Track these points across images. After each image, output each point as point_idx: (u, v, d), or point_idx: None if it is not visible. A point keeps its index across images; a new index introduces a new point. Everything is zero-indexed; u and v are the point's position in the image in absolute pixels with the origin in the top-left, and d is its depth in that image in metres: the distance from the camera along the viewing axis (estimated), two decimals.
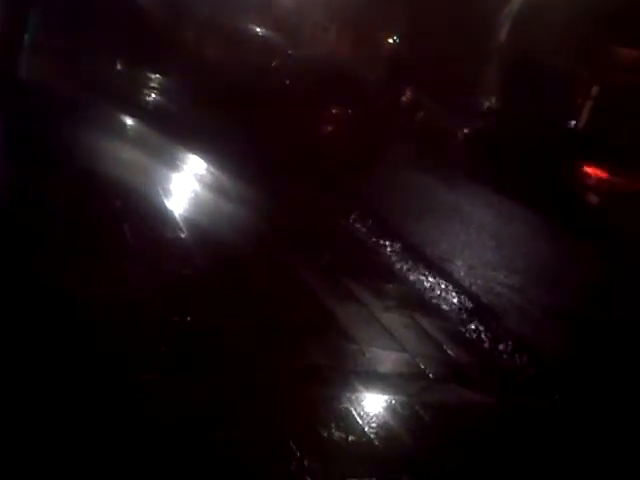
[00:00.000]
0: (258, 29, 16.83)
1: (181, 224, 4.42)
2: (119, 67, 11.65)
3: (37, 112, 5.88)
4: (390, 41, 28.11)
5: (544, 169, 12.60)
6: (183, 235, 4.24)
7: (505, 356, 4.20)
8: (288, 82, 14.48)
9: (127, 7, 17.21)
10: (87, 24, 12.68)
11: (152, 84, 10.85)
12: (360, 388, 3.06)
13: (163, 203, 4.76)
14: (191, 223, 4.51)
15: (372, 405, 2.98)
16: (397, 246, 5.76)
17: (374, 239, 5.85)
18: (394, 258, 5.47)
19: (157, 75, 11.59)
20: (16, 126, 5.26)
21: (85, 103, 7.11)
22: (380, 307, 4.20)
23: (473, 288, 5.29)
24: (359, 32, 26.46)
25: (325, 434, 2.60)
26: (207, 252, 4.14)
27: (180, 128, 7.80)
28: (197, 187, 5.60)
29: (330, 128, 11.53)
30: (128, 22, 14.90)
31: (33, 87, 6.73)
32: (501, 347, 4.29)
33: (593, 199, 10.75)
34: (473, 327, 4.47)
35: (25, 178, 4.24)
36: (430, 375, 3.50)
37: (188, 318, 3.12)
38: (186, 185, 5.61)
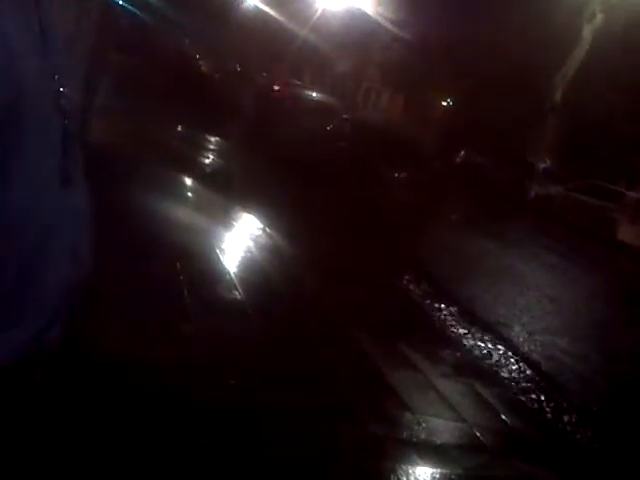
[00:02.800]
0: (314, 93, 17.31)
1: (237, 284, 4.46)
2: (180, 129, 12.11)
3: (100, 175, 6.12)
4: (444, 104, 28.42)
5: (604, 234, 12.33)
6: (239, 296, 4.28)
7: (569, 429, 4.00)
8: (344, 145, 14.74)
9: (190, 71, 18.03)
10: (150, 88, 13.31)
11: (211, 146, 11.21)
12: (417, 460, 2.95)
13: (221, 264, 4.83)
14: (247, 284, 4.55)
15: (428, 478, 2.86)
16: (453, 310, 5.65)
17: (429, 302, 5.76)
18: (450, 322, 5.35)
19: (217, 138, 11.97)
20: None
21: (146, 165, 7.38)
22: (437, 374, 4.09)
23: (533, 355, 5.11)
24: (413, 95, 26.88)
25: None
26: (261, 315, 4.15)
27: (238, 190, 7.98)
28: (252, 247, 5.68)
29: (385, 190, 11.60)
30: (190, 86, 15.58)
31: (99, 152, 7.04)
32: (565, 419, 4.09)
33: None
34: (534, 397, 4.29)
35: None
36: (489, 448, 3.36)
37: (235, 382, 3.10)
38: (242, 246, 5.70)
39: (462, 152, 21.58)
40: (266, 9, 24.36)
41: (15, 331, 0.86)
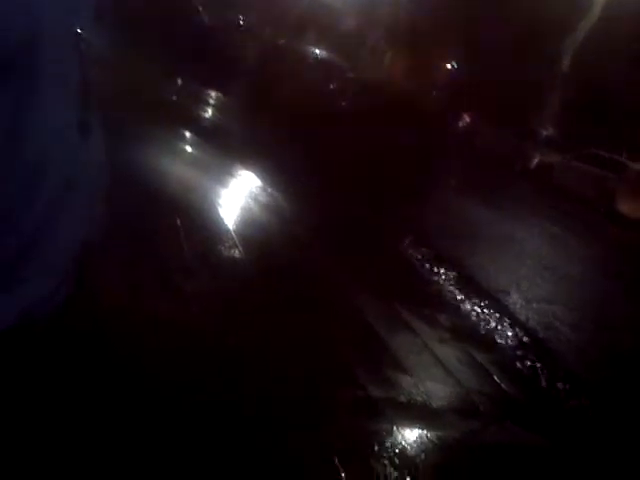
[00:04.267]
0: (318, 51, 17.03)
1: (237, 241, 4.43)
2: (180, 83, 11.92)
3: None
4: (448, 66, 28.02)
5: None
6: (238, 254, 4.25)
7: (563, 396, 4.03)
8: (345, 104, 14.56)
9: (191, 25, 17.69)
10: (150, 40, 13.05)
11: (212, 101, 11.05)
12: (413, 423, 2.98)
13: (221, 220, 4.79)
14: (247, 241, 4.53)
15: (424, 441, 2.88)
16: (451, 275, 5.64)
17: (428, 266, 5.75)
18: (448, 288, 5.36)
19: (218, 93, 11.80)
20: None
21: (144, 118, 7.26)
22: (434, 338, 4.10)
23: (530, 322, 5.12)
24: (417, 56, 26.47)
25: (376, 469, 2.52)
26: (260, 273, 4.14)
27: (238, 146, 7.90)
28: (253, 205, 5.63)
29: (385, 151, 11.49)
30: (191, 40, 15.30)
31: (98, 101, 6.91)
32: (559, 386, 4.12)
33: None
34: (529, 363, 4.31)
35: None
36: (484, 412, 3.38)
37: (232, 341, 3.10)
38: (242, 203, 5.65)
39: (464, 116, 21.36)
40: None
41: (23, 289, 0.82)
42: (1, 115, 0.72)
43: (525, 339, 4.72)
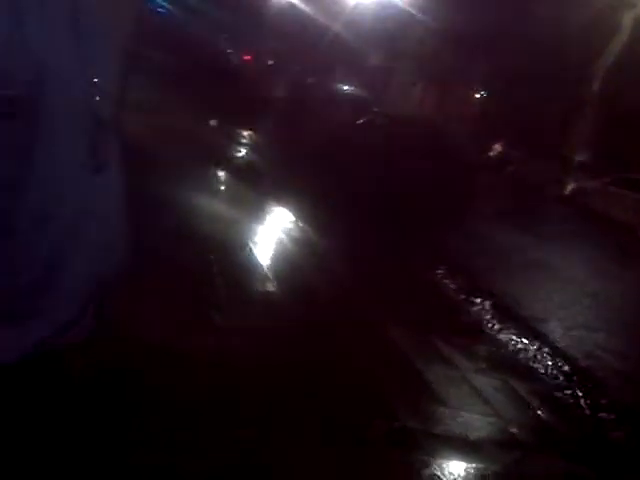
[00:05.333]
0: (346, 87, 17.25)
1: (270, 276, 4.47)
2: (213, 123, 12.18)
3: (135, 169, 6.19)
4: (477, 96, 28.06)
5: None
6: (272, 288, 4.28)
7: (607, 426, 3.91)
8: (374, 137, 14.66)
9: (223, 65, 18.12)
10: (184, 82, 13.41)
11: (244, 140, 11.26)
12: (450, 455, 2.92)
13: (254, 256, 4.84)
14: (280, 275, 4.56)
15: (462, 474, 2.83)
16: (488, 304, 5.57)
17: (463, 296, 5.70)
18: (485, 317, 5.29)
19: (249, 131, 12.02)
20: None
21: (180, 158, 7.44)
22: (471, 369, 4.04)
23: (570, 351, 5.01)
24: (446, 88, 26.59)
25: None
26: (294, 307, 4.15)
27: (270, 183, 8.00)
28: (285, 239, 5.68)
29: (419, 183, 11.50)
30: (223, 80, 15.66)
31: (133, 145, 7.12)
32: (602, 416, 4.00)
33: None
34: (570, 393, 4.21)
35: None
36: (524, 443, 3.30)
37: (265, 373, 3.10)
38: (275, 238, 5.71)
39: (496, 145, 21.29)
40: (299, 3, 24.34)
41: (36, 321, 0.85)
42: (9, 155, 0.77)
43: (565, 368, 4.61)
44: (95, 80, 0.88)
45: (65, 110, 0.83)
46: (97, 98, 0.88)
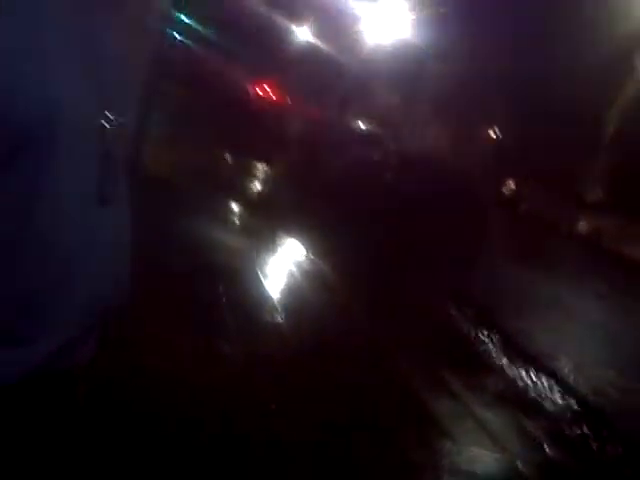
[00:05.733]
0: (362, 124, 17.44)
1: (279, 308, 4.51)
2: (228, 157, 12.35)
3: (151, 202, 6.30)
4: (492, 134, 28.21)
5: None
6: (280, 320, 4.32)
7: (614, 463, 3.87)
8: (389, 175, 14.77)
9: (237, 102, 18.41)
10: (201, 117, 13.64)
11: (259, 174, 11.40)
12: None
13: (264, 288, 4.90)
14: (289, 308, 4.60)
15: None
16: (497, 339, 5.56)
17: (474, 332, 5.69)
18: (494, 352, 5.28)
19: (264, 166, 12.17)
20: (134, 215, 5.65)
21: (195, 191, 7.56)
22: (479, 403, 4.03)
23: (579, 387, 4.97)
24: (461, 126, 26.78)
25: None
26: (301, 339, 4.18)
27: (284, 218, 8.09)
28: (295, 272, 5.73)
29: (430, 219, 11.54)
30: (238, 116, 15.90)
31: (150, 179, 7.26)
32: (610, 453, 3.96)
33: None
34: (579, 430, 4.18)
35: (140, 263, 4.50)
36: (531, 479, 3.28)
37: (277, 406, 3.12)
38: (286, 271, 5.76)
39: (510, 183, 21.34)
40: (316, 41, 24.80)
41: (30, 347, 0.87)
42: (18, 187, 0.81)
43: (574, 404, 4.58)
44: (108, 113, 0.91)
45: (75, 142, 0.86)
46: (109, 130, 0.91)
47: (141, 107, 1.07)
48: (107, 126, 0.89)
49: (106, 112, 0.89)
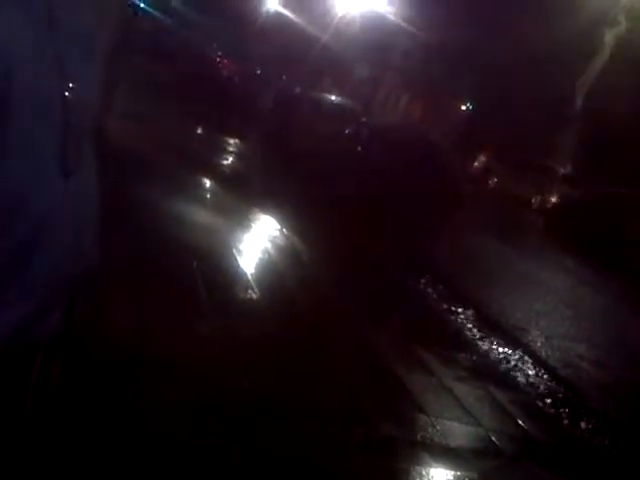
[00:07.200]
0: (333, 97, 17.30)
1: (253, 284, 4.47)
2: (200, 132, 12.17)
3: (120, 176, 6.17)
4: (463, 108, 28.29)
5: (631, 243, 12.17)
6: (255, 296, 4.28)
7: (586, 435, 3.95)
8: (360, 148, 14.72)
9: (209, 75, 18.14)
10: (170, 90, 13.41)
11: (231, 148, 11.25)
12: (430, 462, 2.93)
13: (238, 264, 4.84)
14: (263, 284, 4.56)
15: None
16: (470, 313, 5.61)
17: (445, 305, 5.73)
18: (466, 326, 5.32)
19: (236, 140, 12.02)
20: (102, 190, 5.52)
21: (166, 166, 7.43)
22: (452, 377, 4.06)
23: (550, 360, 5.05)
24: (432, 99, 26.79)
25: None
26: (275, 314, 4.16)
27: (256, 192, 8.01)
28: (269, 248, 5.69)
29: (401, 193, 11.55)
30: (210, 89, 15.68)
31: (118, 152, 7.10)
32: (582, 425, 4.04)
33: None
34: (550, 402, 4.24)
35: (107, 238, 4.41)
36: (504, 452, 3.32)
37: (247, 382, 3.10)
38: (259, 246, 5.71)
39: (481, 157, 21.48)
40: (287, 13, 24.48)
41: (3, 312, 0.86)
42: None
43: (546, 377, 4.65)
44: (70, 83, 0.88)
45: (33, 111, 0.83)
46: (70, 100, 0.88)
47: (105, 77, 1.04)
48: (68, 96, 0.87)
49: (66, 82, 0.87)
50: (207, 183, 7.57)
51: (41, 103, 0.83)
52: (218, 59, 20.98)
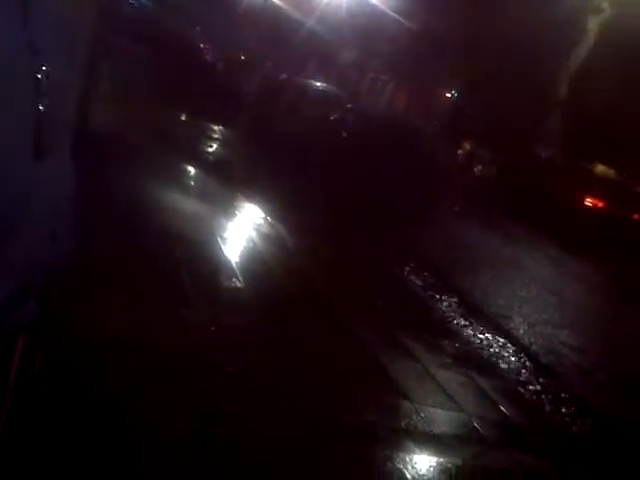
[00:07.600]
0: (318, 83, 17.23)
1: (237, 272, 4.46)
2: (184, 118, 12.07)
3: (102, 161, 6.10)
4: (448, 95, 28.30)
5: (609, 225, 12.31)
6: (239, 284, 4.27)
7: (567, 420, 4.00)
8: (345, 134, 14.68)
9: (193, 62, 17.97)
10: (154, 75, 13.27)
11: (215, 135, 11.18)
12: (414, 448, 2.96)
13: (222, 251, 4.83)
14: (247, 272, 4.55)
15: (425, 467, 2.87)
16: (453, 301, 5.64)
17: (429, 292, 5.76)
18: (450, 313, 5.35)
19: (220, 126, 11.94)
20: (83, 175, 5.46)
21: (149, 152, 7.36)
22: (435, 364, 4.09)
23: (533, 347, 5.10)
24: (418, 86, 26.75)
25: None
26: (260, 302, 4.15)
27: (241, 179, 7.97)
28: (254, 236, 5.67)
29: (386, 179, 11.56)
30: (193, 75, 15.53)
31: (100, 136, 7.02)
32: (563, 410, 4.09)
33: None
34: (533, 388, 4.29)
35: (88, 227, 4.37)
36: (487, 438, 3.36)
37: (235, 368, 3.10)
38: (243, 234, 5.69)
39: (466, 144, 21.52)
40: None
41: None
42: None
43: (528, 363, 4.70)
44: (43, 65, 0.86)
45: (4, 93, 0.81)
46: (44, 83, 0.86)
47: (85, 61, 1.02)
48: (41, 78, 0.85)
49: (39, 66, 0.85)
50: (191, 170, 7.52)
51: (12, 85, 0.81)
52: (202, 44, 20.78)
